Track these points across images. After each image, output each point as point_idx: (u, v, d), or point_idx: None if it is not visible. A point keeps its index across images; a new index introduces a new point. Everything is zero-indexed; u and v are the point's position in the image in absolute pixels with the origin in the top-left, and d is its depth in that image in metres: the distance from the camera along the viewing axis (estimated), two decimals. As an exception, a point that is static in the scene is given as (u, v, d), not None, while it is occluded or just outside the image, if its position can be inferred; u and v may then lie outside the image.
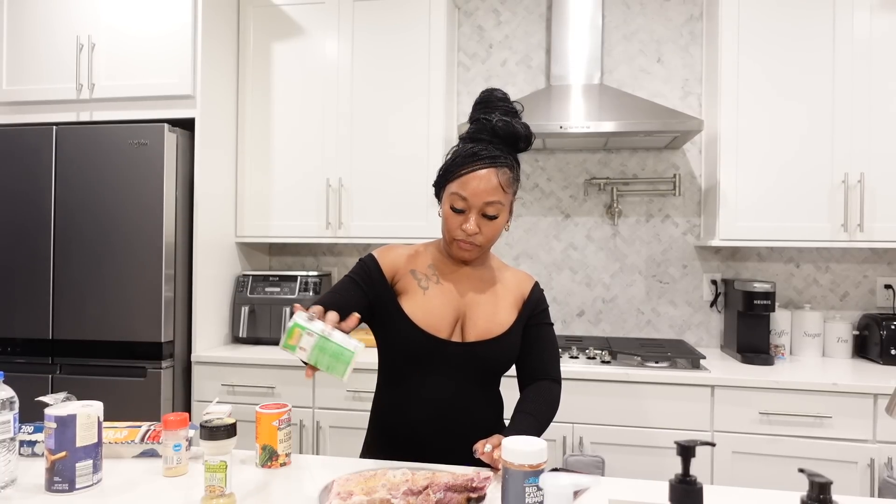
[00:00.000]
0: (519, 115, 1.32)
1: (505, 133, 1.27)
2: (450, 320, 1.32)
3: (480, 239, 1.29)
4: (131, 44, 2.47)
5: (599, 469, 2.13)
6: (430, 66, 2.61)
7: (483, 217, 1.28)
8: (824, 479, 0.80)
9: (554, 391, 1.37)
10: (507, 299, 1.38)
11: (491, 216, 1.28)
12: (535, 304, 1.41)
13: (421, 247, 1.42)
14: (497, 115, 1.28)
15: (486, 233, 1.29)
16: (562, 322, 2.83)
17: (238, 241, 2.77)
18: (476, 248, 1.31)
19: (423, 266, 1.37)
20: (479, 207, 1.26)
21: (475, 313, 1.33)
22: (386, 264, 1.36)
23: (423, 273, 1.36)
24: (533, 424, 1.28)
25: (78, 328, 2.37)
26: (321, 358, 1.06)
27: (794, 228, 2.35)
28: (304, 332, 1.06)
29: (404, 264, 1.37)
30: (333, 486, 1.04)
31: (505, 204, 1.29)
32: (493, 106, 1.30)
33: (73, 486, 1.10)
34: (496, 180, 1.25)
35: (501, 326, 1.34)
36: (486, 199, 1.25)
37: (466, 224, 1.27)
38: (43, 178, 2.40)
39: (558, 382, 1.39)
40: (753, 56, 2.38)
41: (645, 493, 1.12)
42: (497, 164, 1.26)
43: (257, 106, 2.75)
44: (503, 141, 1.28)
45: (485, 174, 1.25)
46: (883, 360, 2.35)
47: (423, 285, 1.34)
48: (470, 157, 1.26)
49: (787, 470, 2.07)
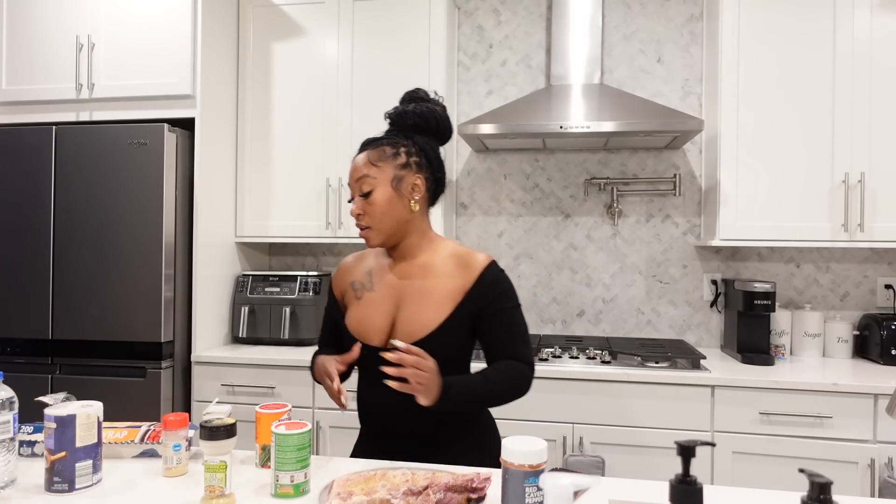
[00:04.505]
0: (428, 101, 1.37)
1: (395, 116, 1.35)
2: (382, 326, 1.31)
3: (367, 219, 1.31)
4: (131, 44, 2.47)
5: (599, 469, 2.13)
6: (430, 66, 2.61)
7: (361, 197, 1.31)
8: (824, 480, 0.80)
9: (516, 366, 1.28)
10: (439, 294, 1.29)
11: (365, 193, 1.30)
12: (485, 290, 1.29)
13: (371, 251, 1.45)
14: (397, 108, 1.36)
15: (369, 212, 1.30)
16: (562, 322, 2.83)
17: (238, 241, 2.77)
18: (371, 231, 1.32)
19: (362, 274, 1.40)
20: (357, 189, 1.31)
21: (404, 315, 1.30)
22: (336, 285, 1.44)
23: (360, 282, 1.39)
24: (479, 381, 1.23)
25: (78, 328, 2.37)
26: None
27: (795, 228, 2.35)
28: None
29: (348, 278, 1.42)
30: (333, 486, 1.04)
31: (376, 177, 1.29)
32: (403, 100, 1.39)
33: (72, 487, 1.10)
34: (365, 158, 1.31)
35: (426, 327, 1.27)
36: (355, 178, 1.31)
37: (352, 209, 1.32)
38: (43, 178, 2.40)
39: (526, 363, 1.30)
40: (753, 56, 2.38)
41: (645, 493, 1.12)
42: (373, 146, 1.32)
43: (257, 106, 2.75)
44: (395, 124, 1.35)
45: (358, 157, 1.33)
46: (883, 361, 2.35)
47: (358, 295, 1.37)
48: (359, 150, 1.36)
49: (787, 470, 2.07)
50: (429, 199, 1.35)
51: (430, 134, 1.36)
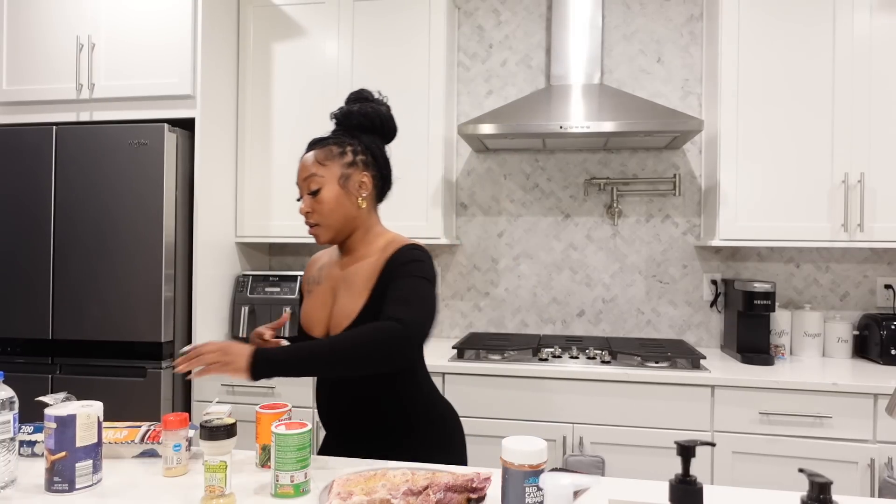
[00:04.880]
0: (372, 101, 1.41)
1: (341, 116, 1.38)
2: (322, 318, 1.38)
3: (316, 217, 1.34)
4: (131, 44, 2.47)
5: (599, 469, 2.13)
6: (430, 66, 2.61)
7: (309, 195, 1.34)
8: (824, 480, 0.80)
9: (378, 324, 1.17)
10: (356, 285, 1.33)
11: (313, 192, 1.34)
12: (392, 268, 1.29)
13: (330, 249, 1.51)
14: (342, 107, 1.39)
15: (318, 209, 1.34)
16: (562, 322, 2.83)
17: (238, 241, 2.77)
18: (319, 228, 1.36)
19: (316, 269, 1.47)
20: (305, 188, 1.35)
21: (336, 307, 1.36)
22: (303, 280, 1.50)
23: (313, 277, 1.46)
24: (308, 344, 1.15)
25: (78, 328, 2.37)
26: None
27: (794, 228, 2.35)
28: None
29: (307, 273, 1.49)
30: (333, 486, 1.04)
31: (323, 175, 1.33)
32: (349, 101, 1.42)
33: (72, 487, 1.10)
34: (312, 157, 1.35)
35: (347, 318, 1.31)
36: (303, 177, 1.35)
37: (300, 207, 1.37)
38: (43, 178, 2.40)
39: (394, 319, 1.18)
40: (753, 56, 2.38)
41: (645, 493, 1.12)
42: (320, 145, 1.36)
43: (257, 106, 2.75)
44: (341, 125, 1.39)
45: (305, 157, 1.36)
46: (883, 360, 2.35)
47: (309, 289, 1.44)
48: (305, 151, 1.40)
49: (787, 470, 2.07)
50: (376, 196, 1.41)
51: (376, 133, 1.41)
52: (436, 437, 1.38)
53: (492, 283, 2.89)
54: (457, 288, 2.92)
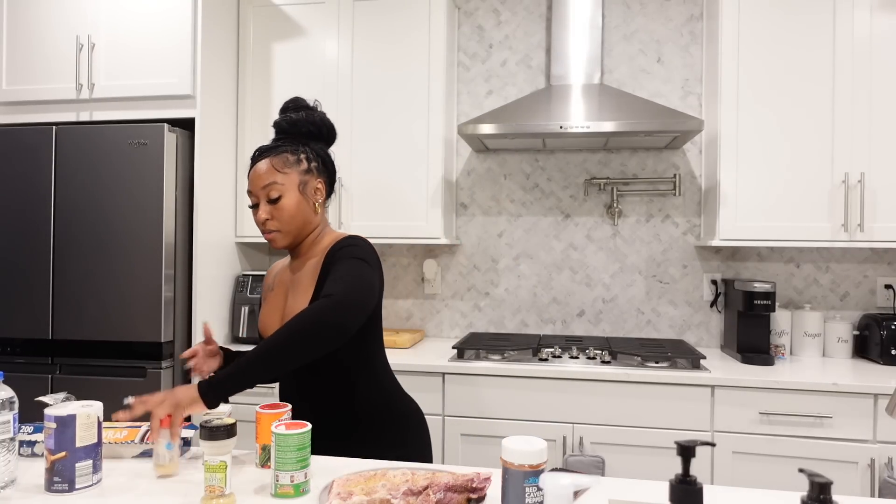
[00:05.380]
0: (313, 109, 1.43)
1: (287, 126, 1.40)
2: (275, 323, 1.41)
3: (275, 224, 1.36)
4: (131, 44, 2.47)
5: (599, 469, 2.13)
6: (430, 66, 2.61)
7: (269, 203, 1.35)
8: (824, 479, 0.80)
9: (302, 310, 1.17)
10: (303, 284, 1.38)
11: (273, 199, 1.35)
12: (330, 260, 1.31)
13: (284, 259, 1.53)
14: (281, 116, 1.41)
15: (278, 216, 1.35)
16: (562, 322, 2.83)
17: (238, 241, 2.77)
18: (278, 234, 1.37)
19: (272, 277, 1.49)
20: (264, 195, 1.35)
21: (287, 310, 1.39)
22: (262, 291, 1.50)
23: (268, 284, 1.48)
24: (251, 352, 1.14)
25: (78, 328, 2.37)
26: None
27: (795, 228, 2.35)
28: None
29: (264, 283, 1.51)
30: (333, 486, 1.04)
31: (284, 183, 1.35)
32: (284, 110, 1.43)
33: (72, 487, 1.10)
34: (268, 165, 1.36)
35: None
36: (262, 184, 1.35)
37: (257, 215, 1.37)
38: (43, 178, 2.40)
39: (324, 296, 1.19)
40: (753, 56, 2.38)
41: (645, 493, 1.12)
42: (273, 153, 1.37)
43: (257, 106, 2.75)
44: (287, 133, 1.40)
45: (259, 165, 1.37)
46: (883, 360, 2.35)
47: (264, 296, 1.47)
48: (252, 158, 1.40)
49: (787, 470, 2.07)
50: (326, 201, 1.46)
51: (322, 140, 1.44)
52: (394, 434, 1.39)
53: (492, 283, 2.89)
54: (457, 288, 2.92)
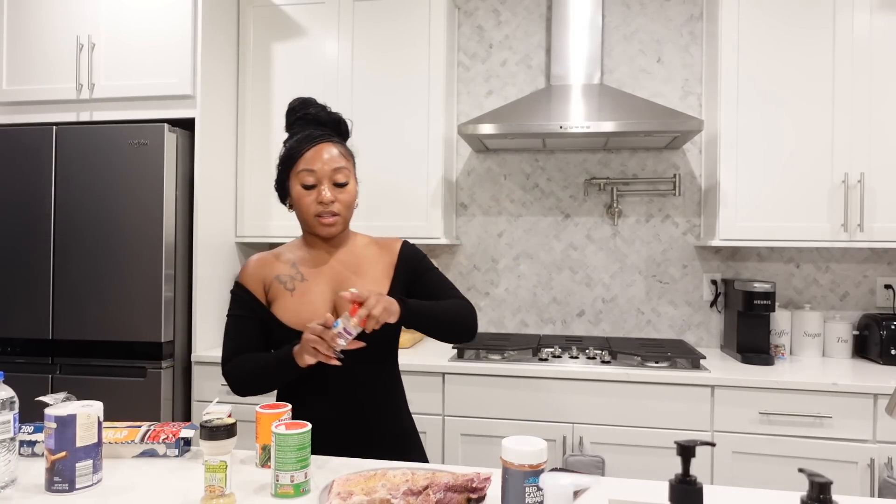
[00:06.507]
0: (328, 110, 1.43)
1: (329, 119, 1.39)
2: (323, 312, 1.35)
3: (338, 206, 1.35)
4: (131, 44, 2.47)
5: (599, 469, 2.13)
6: (430, 66, 2.61)
7: (335, 186, 1.35)
8: (824, 479, 0.80)
9: (462, 300, 1.40)
10: (374, 273, 1.40)
11: (341, 183, 1.35)
12: (408, 259, 1.43)
13: (282, 248, 1.45)
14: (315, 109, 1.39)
15: (341, 200, 1.36)
16: (562, 322, 2.83)
17: (238, 241, 2.77)
18: (337, 218, 1.35)
19: (287, 268, 1.40)
20: (328, 176, 1.34)
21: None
22: (251, 283, 1.39)
23: (287, 275, 1.39)
24: (427, 302, 1.33)
25: (78, 328, 2.37)
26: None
27: (794, 228, 2.35)
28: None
29: (269, 272, 1.40)
30: (333, 486, 1.04)
31: (349, 169, 1.37)
32: (308, 105, 1.40)
33: (73, 487, 1.10)
34: (336, 150, 1.36)
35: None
36: (333, 167, 1.34)
37: (322, 194, 1.33)
38: (43, 178, 2.40)
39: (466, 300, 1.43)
40: (753, 56, 2.38)
41: (645, 493, 1.12)
42: (334, 141, 1.37)
43: (257, 106, 2.75)
44: (329, 127, 1.40)
45: (326, 146, 1.35)
46: (883, 360, 2.35)
47: (289, 287, 1.38)
48: (306, 138, 1.36)
49: (787, 470, 2.07)
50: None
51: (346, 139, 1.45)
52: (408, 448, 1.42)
53: (492, 283, 2.89)
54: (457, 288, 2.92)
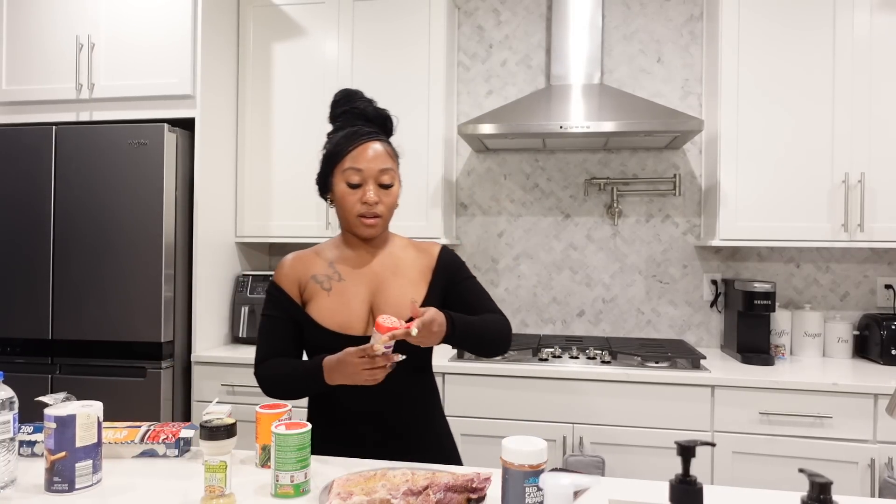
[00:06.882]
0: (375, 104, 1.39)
1: (376, 115, 1.36)
2: (360, 314, 1.33)
3: (381, 208, 1.33)
4: (131, 44, 2.47)
5: (599, 469, 2.13)
6: (430, 66, 2.61)
7: (380, 187, 1.33)
8: (824, 480, 0.80)
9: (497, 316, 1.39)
10: (413, 275, 1.38)
11: (387, 185, 1.33)
12: (447, 265, 1.41)
13: (321, 247, 1.43)
14: (362, 104, 1.36)
15: (385, 201, 1.33)
16: (562, 322, 2.83)
17: (238, 241, 2.77)
18: (379, 219, 1.33)
19: (324, 267, 1.38)
20: (374, 177, 1.32)
21: (384, 300, 1.34)
22: (286, 283, 1.38)
23: (323, 275, 1.37)
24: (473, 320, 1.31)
25: (77, 328, 2.37)
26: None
27: (795, 228, 2.35)
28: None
29: (305, 272, 1.38)
30: (333, 486, 1.04)
31: (395, 170, 1.35)
32: (355, 98, 1.37)
33: (72, 487, 1.10)
34: (384, 150, 1.33)
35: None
36: (380, 167, 1.32)
37: (366, 195, 1.31)
38: (43, 178, 2.40)
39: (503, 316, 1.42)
40: (753, 56, 2.38)
41: (645, 493, 1.12)
42: (380, 139, 1.35)
43: (257, 106, 2.75)
44: (375, 123, 1.36)
45: (376, 146, 1.33)
46: (883, 360, 2.35)
47: (326, 286, 1.35)
48: (353, 135, 1.33)
49: (787, 470, 2.07)
50: None
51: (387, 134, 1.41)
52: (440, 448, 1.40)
53: (492, 283, 2.89)
54: (457, 288, 2.92)
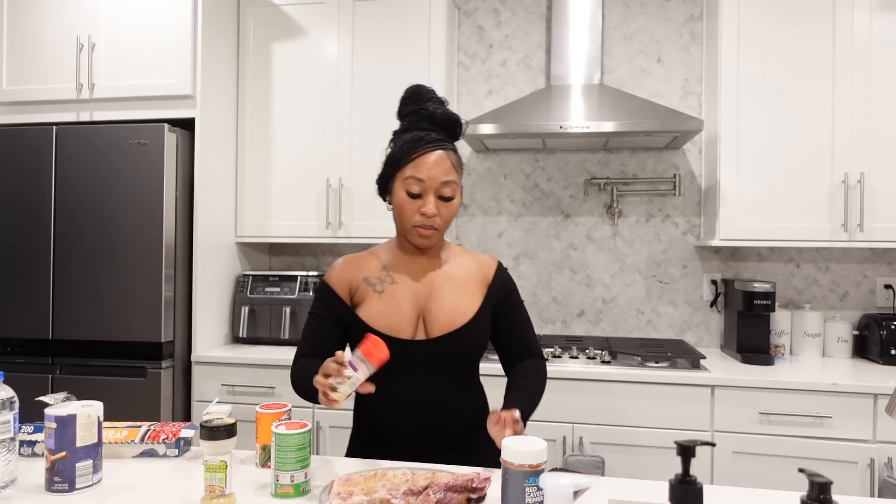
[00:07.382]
0: (446, 105, 1.34)
1: (444, 119, 1.30)
2: (410, 318, 1.31)
3: (439, 221, 1.30)
4: (131, 44, 2.47)
5: (599, 469, 2.13)
6: (430, 66, 2.61)
7: (440, 199, 1.29)
8: (824, 479, 0.80)
9: (540, 367, 1.40)
10: (468, 286, 1.36)
11: (447, 197, 1.29)
12: (502, 285, 1.40)
13: (375, 249, 1.42)
14: (433, 105, 1.31)
15: (443, 214, 1.30)
16: (562, 322, 2.83)
17: (238, 241, 2.77)
18: (435, 232, 1.31)
19: (376, 270, 1.37)
20: (435, 189, 1.28)
21: (436, 306, 1.32)
22: (337, 284, 1.37)
23: (376, 277, 1.36)
24: (526, 399, 1.30)
25: (78, 328, 2.37)
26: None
27: (794, 228, 2.35)
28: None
29: (357, 274, 1.37)
30: (333, 485, 1.04)
31: (458, 183, 1.31)
32: (425, 98, 1.32)
33: (73, 486, 1.10)
34: (449, 161, 1.29)
35: (465, 315, 1.32)
36: (442, 180, 1.28)
37: (426, 206, 1.27)
38: (43, 178, 2.40)
39: (542, 358, 1.44)
40: (753, 56, 2.38)
41: (645, 493, 1.12)
42: (446, 148, 1.30)
43: (257, 106, 2.75)
44: (442, 128, 1.31)
45: (438, 155, 1.28)
46: (883, 360, 2.35)
47: (378, 289, 1.34)
48: (418, 141, 1.28)
49: (787, 470, 2.07)
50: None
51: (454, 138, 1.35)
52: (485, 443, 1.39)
53: (492, 283, 2.89)
54: (457, 288, 2.92)
